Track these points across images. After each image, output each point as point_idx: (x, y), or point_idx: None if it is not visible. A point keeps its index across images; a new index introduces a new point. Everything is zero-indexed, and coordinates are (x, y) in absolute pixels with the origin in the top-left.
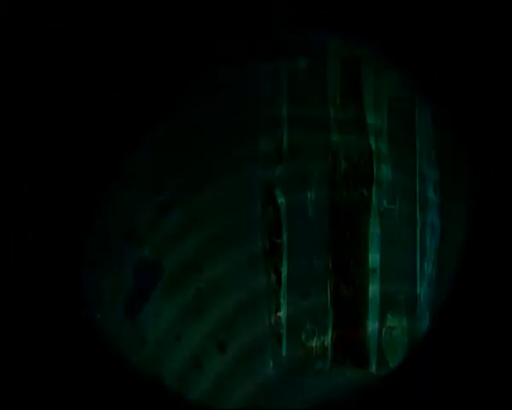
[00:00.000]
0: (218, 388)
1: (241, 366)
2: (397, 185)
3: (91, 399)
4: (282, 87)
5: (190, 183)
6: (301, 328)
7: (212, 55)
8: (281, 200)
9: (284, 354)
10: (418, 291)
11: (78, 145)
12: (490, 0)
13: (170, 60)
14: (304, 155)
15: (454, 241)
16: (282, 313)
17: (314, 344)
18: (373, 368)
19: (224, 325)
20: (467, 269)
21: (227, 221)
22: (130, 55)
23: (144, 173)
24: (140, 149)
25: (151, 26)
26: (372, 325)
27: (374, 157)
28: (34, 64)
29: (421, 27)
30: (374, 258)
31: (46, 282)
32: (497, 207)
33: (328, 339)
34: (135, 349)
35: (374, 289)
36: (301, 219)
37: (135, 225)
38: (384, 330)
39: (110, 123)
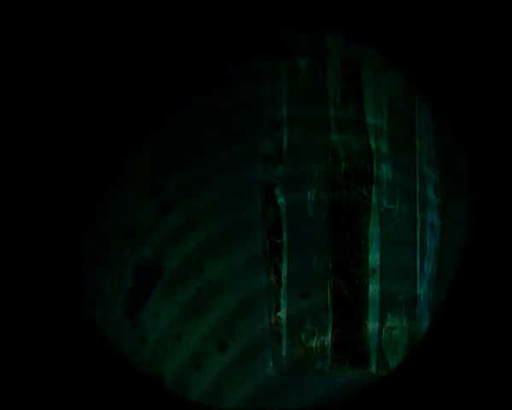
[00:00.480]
0: (218, 388)
1: (241, 365)
2: (397, 185)
3: (91, 399)
4: (282, 87)
5: (190, 183)
6: (301, 328)
7: (212, 54)
8: (281, 200)
9: (284, 354)
10: (418, 291)
11: (78, 145)
12: (489, 0)
13: (169, 60)
14: (304, 155)
15: (454, 241)
16: (282, 313)
17: (314, 344)
18: (373, 368)
19: (224, 324)
20: (467, 269)
21: (227, 221)
22: (129, 55)
23: (144, 173)
24: (140, 149)
25: (151, 24)
26: (372, 325)
27: (374, 157)
28: (34, 64)
29: (421, 27)
30: (374, 258)
31: (46, 282)
32: (497, 207)
33: (328, 339)
34: (135, 349)
35: (373, 289)
36: (301, 220)
37: (135, 225)
38: (384, 330)
39: (110, 123)
